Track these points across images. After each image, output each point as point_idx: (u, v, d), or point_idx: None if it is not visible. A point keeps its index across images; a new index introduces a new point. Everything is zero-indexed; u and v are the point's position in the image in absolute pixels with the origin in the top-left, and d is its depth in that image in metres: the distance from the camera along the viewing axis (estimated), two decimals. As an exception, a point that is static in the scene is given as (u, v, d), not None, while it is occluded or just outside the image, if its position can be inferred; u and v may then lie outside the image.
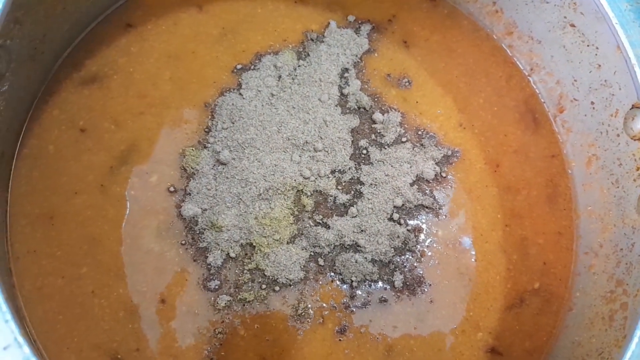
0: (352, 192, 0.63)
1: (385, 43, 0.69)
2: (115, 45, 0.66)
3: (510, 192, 0.65)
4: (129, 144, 0.63)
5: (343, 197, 0.62)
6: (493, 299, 0.62)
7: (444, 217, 0.63)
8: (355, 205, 0.62)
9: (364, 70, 0.68)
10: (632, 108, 0.56)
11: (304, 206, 0.61)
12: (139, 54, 0.66)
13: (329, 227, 0.61)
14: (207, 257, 0.59)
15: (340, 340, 0.59)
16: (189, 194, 0.61)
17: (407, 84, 0.68)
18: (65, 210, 0.59)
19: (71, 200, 0.60)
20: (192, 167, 0.62)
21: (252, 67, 0.66)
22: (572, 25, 0.60)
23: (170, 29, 0.67)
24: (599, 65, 0.59)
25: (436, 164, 0.65)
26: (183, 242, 0.60)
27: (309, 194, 0.62)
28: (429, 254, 0.62)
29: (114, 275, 0.58)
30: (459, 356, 0.60)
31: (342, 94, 0.66)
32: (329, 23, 0.69)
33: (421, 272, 0.61)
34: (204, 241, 0.60)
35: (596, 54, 0.59)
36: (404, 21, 0.70)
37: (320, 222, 0.61)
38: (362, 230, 0.61)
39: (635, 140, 0.56)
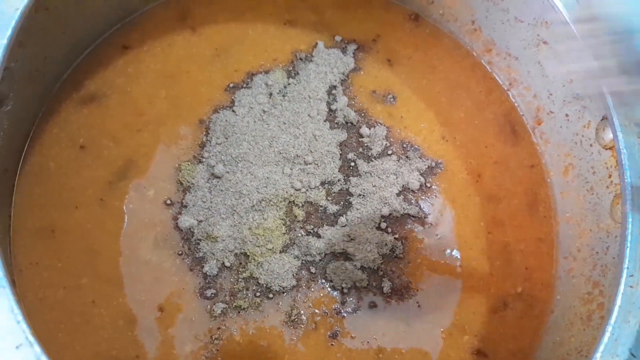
0: (342, 203, 0.66)
1: (370, 61, 0.73)
2: (113, 66, 0.69)
3: (492, 201, 0.68)
4: (127, 160, 0.65)
5: (333, 208, 0.65)
6: (478, 303, 0.65)
7: (429, 225, 0.66)
8: (344, 215, 0.65)
9: (350, 88, 0.71)
10: (602, 119, 0.59)
11: (296, 217, 0.64)
12: (135, 74, 0.69)
13: (319, 237, 0.64)
14: (203, 266, 0.62)
15: (332, 344, 0.61)
16: (185, 207, 0.64)
17: (391, 99, 0.71)
18: (66, 224, 0.62)
19: (72, 214, 0.62)
20: (187, 181, 0.64)
21: (244, 86, 0.70)
22: (545, 43, 0.64)
23: (165, 50, 0.71)
24: (571, 80, 0.63)
25: (421, 174, 0.68)
26: (180, 252, 0.62)
27: (300, 205, 0.65)
28: (417, 260, 0.65)
29: (113, 285, 0.61)
30: (446, 358, 0.63)
31: (330, 109, 0.69)
32: (316, 43, 0.72)
33: (408, 278, 0.64)
34: (200, 251, 0.62)
35: (567, 70, 0.63)
36: (387, 40, 0.74)
37: (311, 231, 0.64)
38: (351, 239, 0.64)
39: (606, 149, 0.60)
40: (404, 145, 0.69)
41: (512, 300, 0.65)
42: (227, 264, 0.62)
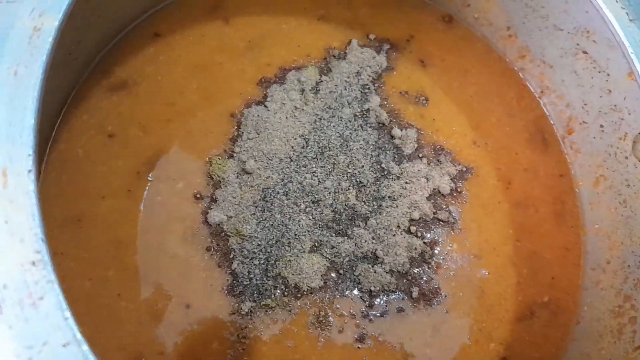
0: (372, 204, 0.65)
1: (403, 62, 0.72)
2: (144, 54, 0.68)
3: (520, 208, 0.68)
4: (156, 151, 0.64)
5: (362, 209, 0.64)
6: (505, 310, 0.65)
7: (458, 230, 0.66)
8: (374, 217, 0.64)
9: (383, 87, 0.70)
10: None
11: (325, 216, 0.63)
12: (166, 62, 0.68)
13: (348, 238, 0.63)
14: (232, 263, 0.61)
15: (359, 348, 0.61)
16: (215, 201, 0.63)
17: (424, 101, 0.71)
18: (92, 214, 0.60)
19: (99, 204, 0.61)
20: (218, 175, 0.63)
21: (277, 81, 0.69)
22: (585, 52, 0.64)
23: (197, 40, 0.69)
24: (609, 91, 0.62)
25: (451, 179, 0.67)
26: (208, 247, 0.61)
27: (329, 204, 0.64)
28: (445, 266, 0.64)
29: (139, 279, 0.59)
30: (471, 365, 0.62)
31: (362, 109, 0.68)
32: (350, 41, 0.71)
33: (437, 283, 0.63)
34: (228, 248, 0.61)
35: (607, 80, 0.62)
36: (421, 41, 0.73)
37: (341, 232, 0.63)
38: (380, 242, 0.63)
39: (644, 162, 0.60)
40: (436, 149, 0.68)
41: (538, 309, 0.65)
42: (256, 262, 0.61)
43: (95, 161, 0.63)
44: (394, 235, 0.63)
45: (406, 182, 0.66)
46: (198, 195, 0.63)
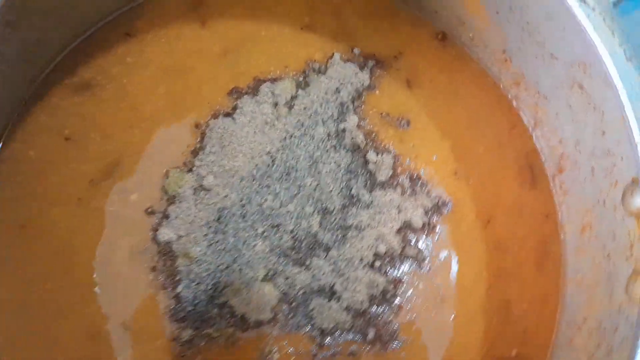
0: (335, 234, 0.61)
1: (388, 80, 0.67)
2: (112, 54, 0.64)
3: (498, 250, 0.63)
4: (114, 158, 0.61)
5: (325, 238, 0.60)
6: (468, 360, 0.60)
7: (427, 269, 0.61)
8: (336, 248, 0.60)
9: (362, 107, 0.66)
10: (631, 182, 0.53)
11: (284, 243, 0.59)
12: (135, 64, 0.64)
13: (306, 268, 0.59)
14: (177, 286, 0.57)
15: (303, 388, 0.57)
16: (167, 218, 0.59)
17: (405, 124, 0.66)
18: (38, 221, 0.58)
19: (46, 211, 0.58)
20: (173, 190, 0.60)
21: (249, 92, 0.64)
22: (580, 87, 0.58)
23: (171, 42, 0.66)
24: (603, 132, 0.57)
25: (426, 212, 0.63)
26: (154, 267, 0.58)
27: (290, 230, 0.60)
28: (407, 307, 0.60)
29: (79, 294, 0.57)
30: (426, 416, 0.58)
31: (337, 129, 0.64)
32: (333, 54, 0.66)
33: (397, 326, 0.59)
34: (175, 269, 0.58)
35: (602, 120, 0.56)
36: (410, 59, 0.68)
37: (298, 261, 0.59)
38: (340, 275, 0.59)
39: (631, 216, 0.54)
40: (412, 178, 0.64)
41: (505, 362, 0.60)
42: (202, 287, 0.57)
43: (47, 165, 0.60)
44: (356, 269, 0.59)
45: (376, 212, 0.61)
46: (150, 210, 0.59)
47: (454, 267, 0.62)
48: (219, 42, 0.66)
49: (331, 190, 0.62)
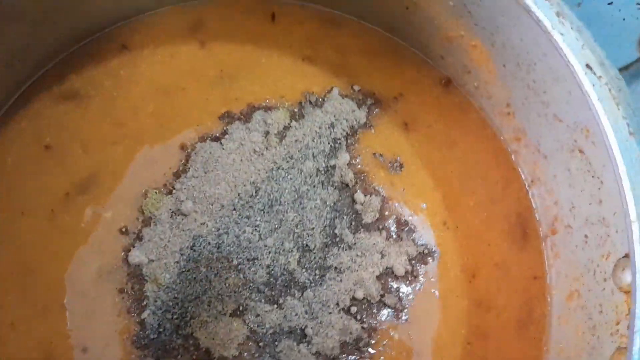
0: (313, 273, 0.58)
1: (385, 121, 0.65)
2: (105, 65, 0.63)
3: (480, 308, 0.60)
4: (92, 173, 0.59)
5: (302, 277, 0.58)
6: (438, 420, 0.57)
7: (404, 320, 0.59)
8: (312, 289, 0.57)
9: (356, 145, 0.64)
10: (624, 257, 0.51)
11: (259, 278, 0.57)
12: (127, 78, 0.63)
13: (278, 307, 0.57)
14: (143, 311, 0.55)
15: None
16: (140, 240, 0.57)
17: (397, 168, 0.64)
18: (6, 230, 0.56)
19: (16, 221, 0.56)
20: (150, 211, 0.58)
21: (241, 118, 0.63)
22: (581, 152, 0.56)
23: (166, 60, 0.64)
24: (600, 201, 0.54)
25: (410, 260, 0.60)
26: (121, 289, 0.56)
27: (266, 265, 0.58)
28: (380, 358, 0.57)
29: (39, 311, 0.55)
30: None
31: (327, 165, 0.62)
32: (331, 88, 0.65)
33: (366, 377, 0.56)
34: (143, 294, 0.55)
35: (599, 188, 0.54)
36: (410, 102, 0.66)
37: (271, 299, 0.57)
38: (313, 318, 0.56)
39: (621, 291, 0.51)
40: (399, 223, 0.61)
41: None
42: (168, 316, 0.55)
43: (23, 173, 0.58)
44: (330, 313, 0.57)
45: (357, 255, 0.59)
46: (124, 230, 0.57)
47: (433, 321, 0.59)
48: (216, 64, 0.65)
49: (314, 228, 0.59)
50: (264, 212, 0.59)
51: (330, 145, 0.63)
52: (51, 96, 0.60)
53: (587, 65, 0.49)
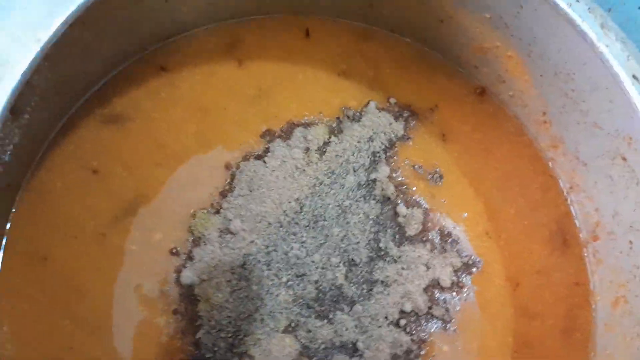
0: (361, 288, 0.59)
1: (422, 132, 0.66)
2: (145, 87, 0.63)
3: (525, 316, 0.61)
4: (139, 195, 0.60)
5: (350, 291, 0.58)
6: None
7: (452, 331, 0.59)
8: (361, 303, 0.58)
9: (395, 158, 0.65)
10: (673, 263, 0.52)
11: (308, 294, 0.58)
12: (167, 99, 0.63)
13: (329, 322, 0.57)
14: (197, 331, 0.56)
15: None
16: (191, 260, 0.58)
17: (437, 179, 0.64)
18: (60, 254, 0.56)
19: (68, 244, 0.57)
20: (199, 231, 0.59)
21: (282, 135, 0.63)
22: (624, 159, 0.57)
23: (205, 80, 0.65)
24: (645, 207, 0.55)
25: (455, 271, 0.61)
26: (175, 310, 0.56)
27: (314, 281, 0.58)
28: (431, 370, 0.58)
29: (95, 335, 0.55)
30: None
31: (368, 179, 0.63)
32: (368, 102, 0.66)
33: (418, 388, 0.57)
34: (196, 314, 0.56)
35: (644, 195, 0.55)
36: (446, 113, 0.67)
37: (321, 314, 0.58)
38: (363, 332, 0.57)
39: (670, 297, 0.52)
40: (442, 234, 0.62)
41: None
42: (223, 335, 0.56)
43: (73, 197, 0.59)
44: (380, 326, 0.58)
45: (403, 268, 0.60)
46: (175, 251, 0.58)
47: (480, 331, 0.60)
48: (254, 83, 0.66)
49: (358, 242, 0.60)
50: (309, 228, 0.60)
51: (370, 159, 0.64)
52: (95, 120, 0.61)
53: (634, 76, 0.50)
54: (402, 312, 0.59)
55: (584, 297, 0.62)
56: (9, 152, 0.53)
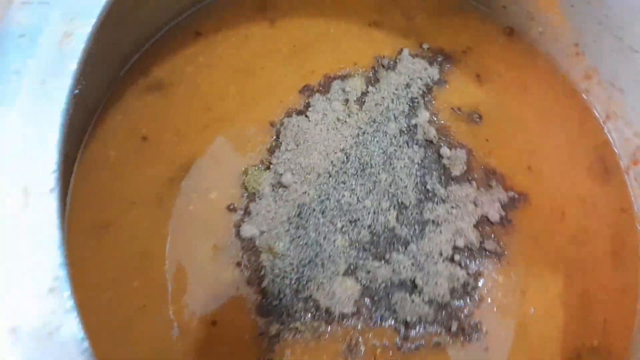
0: (413, 228, 0.61)
1: (458, 75, 0.67)
2: (183, 54, 0.65)
3: (574, 243, 0.63)
4: (190, 157, 0.61)
5: (403, 232, 0.60)
6: (550, 353, 0.60)
7: (505, 263, 0.61)
8: (414, 242, 0.60)
9: (433, 102, 0.66)
10: None
11: (362, 238, 0.60)
12: (206, 64, 0.65)
13: (386, 262, 0.59)
14: (262, 281, 0.58)
15: (389, 381, 0.57)
16: (249, 214, 0.59)
17: (477, 119, 0.66)
18: (121, 221, 0.58)
19: (128, 211, 0.59)
20: (253, 187, 0.60)
21: (320, 90, 0.65)
22: (662, 79, 0.58)
23: (240, 42, 0.66)
24: (686, 124, 0.57)
25: (502, 206, 0.63)
26: (238, 263, 0.58)
27: (367, 225, 0.60)
28: (488, 300, 0.60)
29: (165, 292, 0.57)
30: (509, 409, 0.58)
31: (409, 124, 0.64)
32: (401, 50, 0.67)
33: (478, 318, 0.59)
34: (259, 264, 0.58)
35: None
36: (478, 54, 0.68)
37: (378, 256, 0.59)
38: (420, 269, 0.59)
39: None
40: (487, 172, 0.64)
41: (587, 354, 0.60)
42: (287, 281, 0.58)
43: (127, 164, 0.60)
44: (436, 263, 0.59)
45: (452, 207, 0.62)
46: (232, 207, 0.60)
47: (532, 260, 0.62)
48: (288, 41, 0.67)
49: (406, 186, 0.62)
50: (357, 176, 0.61)
51: (409, 105, 0.65)
52: (139, 89, 0.62)
53: (672, -7, 0.50)
54: (455, 248, 0.60)
55: (630, 222, 0.64)
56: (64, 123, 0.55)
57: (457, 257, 0.60)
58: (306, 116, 0.63)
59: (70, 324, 0.36)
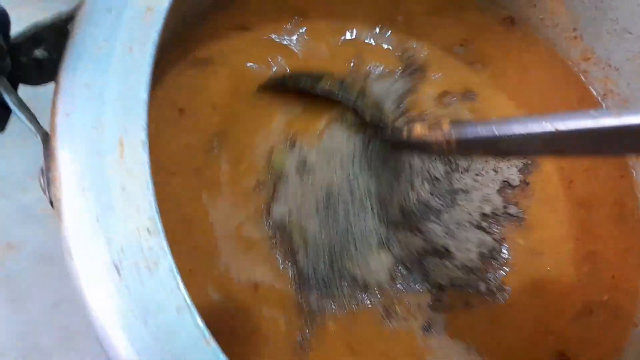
0: (445, 198, 0.64)
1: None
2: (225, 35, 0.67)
3: (582, 207, 0.68)
4: (224, 129, 0.63)
5: (436, 203, 0.64)
6: (564, 307, 0.65)
7: (525, 226, 0.66)
8: (446, 211, 0.64)
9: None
10: None
11: (392, 216, 0.63)
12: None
13: (419, 232, 0.63)
14: (297, 254, 0.59)
15: (424, 336, 0.60)
16: (276, 192, 0.61)
17: (472, 97, 0.70)
18: (164, 191, 0.59)
19: (170, 181, 0.60)
20: (279, 165, 0.62)
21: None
22: (654, 57, 0.64)
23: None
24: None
25: (519, 171, 0.67)
26: (272, 237, 0.60)
27: (397, 202, 0.63)
28: (511, 262, 0.64)
29: (209, 257, 0.58)
30: (531, 357, 0.62)
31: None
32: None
33: (503, 279, 0.63)
34: (291, 240, 0.60)
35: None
36: (477, 45, 0.73)
37: (410, 228, 0.63)
38: (452, 237, 0.63)
39: None
40: (501, 143, 0.68)
41: (597, 308, 0.65)
42: (320, 256, 0.60)
43: (166, 136, 0.61)
44: (466, 230, 0.63)
45: (476, 174, 0.66)
46: (260, 184, 0.61)
47: (547, 223, 0.67)
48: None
49: (435, 159, 0.65)
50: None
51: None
52: (178, 65, 0.64)
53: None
54: (482, 214, 0.65)
55: (629, 187, 0.70)
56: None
57: (484, 224, 0.64)
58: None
59: (166, 261, 0.38)
